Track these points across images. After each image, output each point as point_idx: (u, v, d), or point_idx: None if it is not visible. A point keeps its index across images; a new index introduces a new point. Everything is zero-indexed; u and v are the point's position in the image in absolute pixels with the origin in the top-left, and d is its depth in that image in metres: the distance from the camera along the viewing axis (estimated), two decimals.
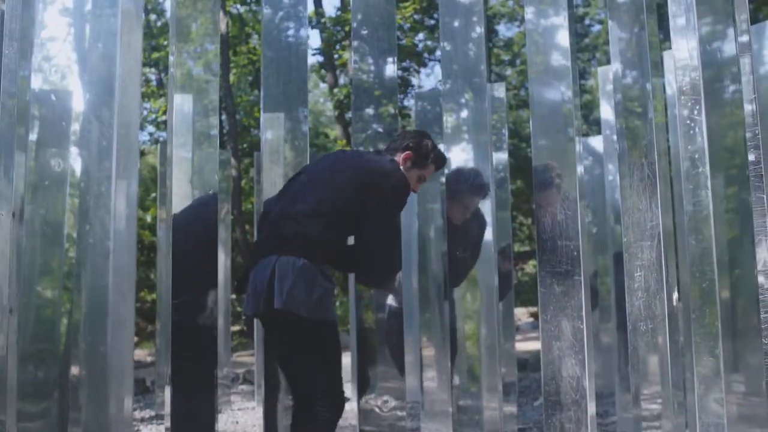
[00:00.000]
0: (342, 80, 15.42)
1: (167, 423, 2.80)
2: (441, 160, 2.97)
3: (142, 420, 5.18)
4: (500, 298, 3.44)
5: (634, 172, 2.55)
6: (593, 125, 13.94)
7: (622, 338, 4.22)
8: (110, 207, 2.35)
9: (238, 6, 16.13)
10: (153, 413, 5.42)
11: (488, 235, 3.15)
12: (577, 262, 2.57)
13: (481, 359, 2.92)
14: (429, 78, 20.69)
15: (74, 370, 2.29)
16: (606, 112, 4.48)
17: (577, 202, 2.59)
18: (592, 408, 2.51)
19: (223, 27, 15.01)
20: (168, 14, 12.99)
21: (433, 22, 14.75)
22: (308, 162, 3.08)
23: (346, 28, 13.39)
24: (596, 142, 5.04)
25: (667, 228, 2.47)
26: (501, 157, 4.72)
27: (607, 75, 4.34)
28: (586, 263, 2.57)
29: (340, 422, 4.78)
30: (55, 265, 2.29)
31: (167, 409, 2.80)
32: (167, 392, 2.82)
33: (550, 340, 2.61)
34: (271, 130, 3.11)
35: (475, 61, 3.03)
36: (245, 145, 15.08)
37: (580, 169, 2.62)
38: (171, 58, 2.87)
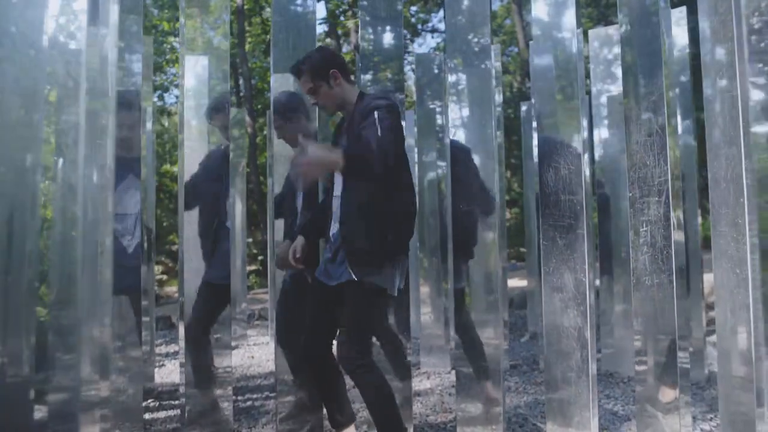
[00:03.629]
0: (345, 48, 14.89)
1: (182, 358, 2.55)
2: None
3: (167, 355, 4.90)
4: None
5: (642, 129, 2.20)
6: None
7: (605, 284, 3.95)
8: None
9: None
10: (177, 348, 5.13)
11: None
12: (581, 216, 2.25)
13: (473, 296, 2.60)
14: (422, 47, 20.05)
15: None
16: (598, 73, 4.07)
17: (581, 157, 2.26)
18: (593, 356, 2.22)
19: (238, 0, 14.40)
20: None
21: None
22: (316, 122, 2.77)
23: (349, 0, 12.85)
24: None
25: (675, 184, 2.13)
26: None
27: (599, 34, 3.93)
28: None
29: None
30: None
31: (181, 344, 2.55)
32: (181, 328, 2.57)
33: (553, 292, 2.30)
34: (281, 90, 2.76)
35: (478, 21, 2.66)
36: (260, 106, 14.68)
37: (584, 123, 2.28)
38: (183, 30, 2.62)
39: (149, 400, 3.32)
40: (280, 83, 2.76)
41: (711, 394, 3.17)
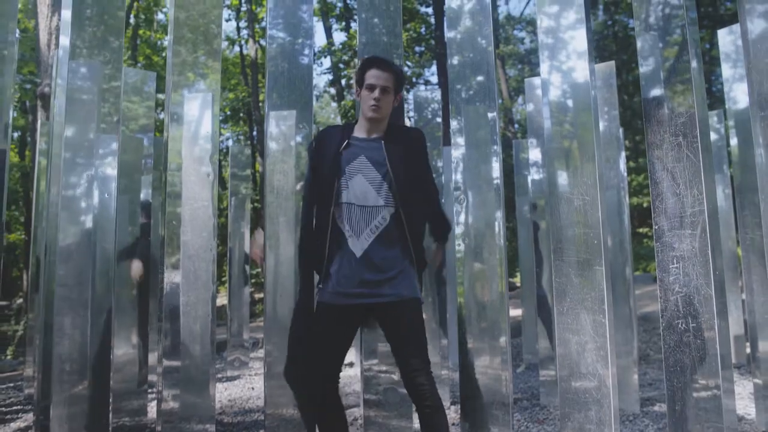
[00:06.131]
0: (348, 96, 14.64)
1: (160, 388, 2.12)
2: (361, 63, 2.10)
3: None
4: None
5: (669, 153, 1.77)
6: None
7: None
8: None
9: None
10: None
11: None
12: (598, 251, 1.81)
13: (471, 323, 2.16)
14: None
15: None
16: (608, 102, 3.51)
17: (597, 188, 1.83)
18: (616, 407, 1.76)
19: (252, 53, 14.19)
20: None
21: (421, 49, 13.95)
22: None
23: (350, 52, 12.63)
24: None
25: (712, 214, 1.68)
26: None
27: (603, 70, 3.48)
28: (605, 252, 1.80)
29: (344, 389, 4.04)
30: None
31: (159, 371, 2.15)
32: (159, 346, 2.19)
33: (567, 334, 1.84)
34: (280, 126, 2.38)
35: (479, 61, 2.29)
36: None
37: (598, 154, 1.85)
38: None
39: None
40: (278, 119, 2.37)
41: None
